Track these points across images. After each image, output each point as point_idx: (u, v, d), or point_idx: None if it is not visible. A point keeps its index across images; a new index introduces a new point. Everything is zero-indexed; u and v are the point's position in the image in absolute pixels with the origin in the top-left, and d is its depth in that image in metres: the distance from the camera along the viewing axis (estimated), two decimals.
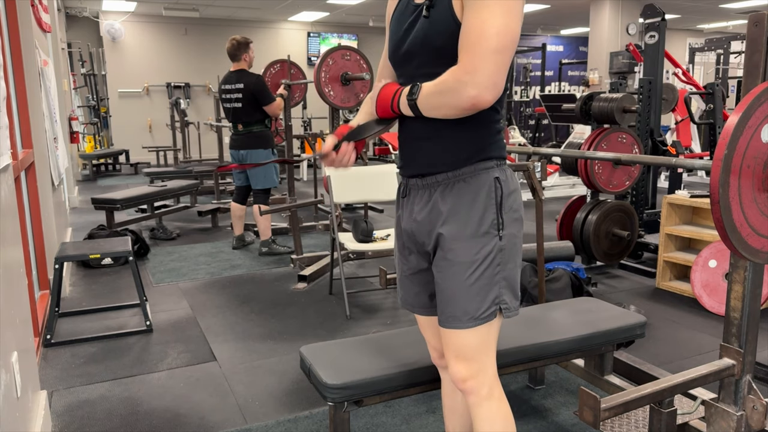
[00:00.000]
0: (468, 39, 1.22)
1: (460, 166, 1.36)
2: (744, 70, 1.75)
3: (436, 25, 1.29)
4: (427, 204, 1.40)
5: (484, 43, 1.19)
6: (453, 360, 1.42)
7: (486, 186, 1.36)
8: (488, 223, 1.35)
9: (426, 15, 1.31)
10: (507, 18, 1.21)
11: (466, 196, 1.36)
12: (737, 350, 1.82)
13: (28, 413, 1.94)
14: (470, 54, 1.21)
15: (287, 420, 2.28)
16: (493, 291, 1.36)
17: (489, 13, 1.20)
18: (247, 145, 4.58)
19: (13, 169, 2.32)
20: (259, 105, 4.50)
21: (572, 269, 3.39)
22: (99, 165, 10.34)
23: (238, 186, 4.80)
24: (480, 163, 1.36)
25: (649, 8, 4.58)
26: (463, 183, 1.36)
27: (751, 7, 10.88)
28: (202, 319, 3.37)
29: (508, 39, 1.21)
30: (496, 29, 1.20)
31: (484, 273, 1.35)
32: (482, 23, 1.20)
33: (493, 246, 1.35)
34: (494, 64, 1.20)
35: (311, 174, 8.95)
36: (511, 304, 1.39)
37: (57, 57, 5.81)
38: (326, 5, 10.64)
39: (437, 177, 1.38)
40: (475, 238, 1.35)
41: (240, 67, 4.53)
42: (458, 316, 1.38)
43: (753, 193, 1.44)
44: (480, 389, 1.41)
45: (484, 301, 1.36)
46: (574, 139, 5.98)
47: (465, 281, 1.35)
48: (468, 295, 1.36)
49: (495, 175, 1.37)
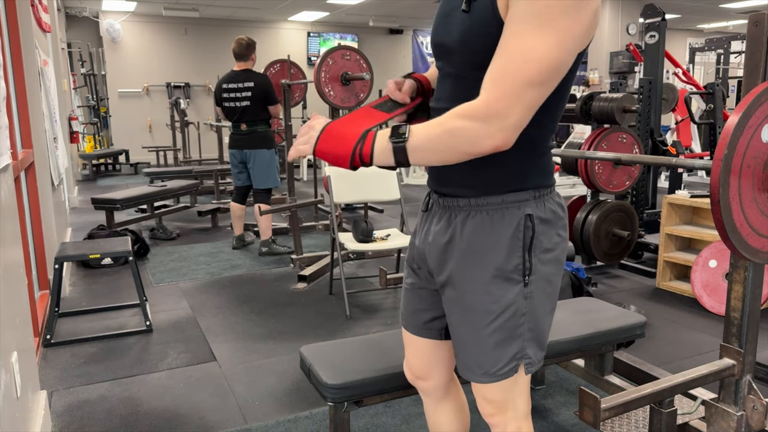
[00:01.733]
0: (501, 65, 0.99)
1: (484, 194, 1.14)
2: (744, 70, 1.75)
3: (476, 23, 1.06)
4: (445, 230, 1.20)
5: (522, 75, 0.96)
6: (478, 397, 1.26)
7: (513, 225, 1.13)
8: (512, 267, 1.13)
9: (465, 9, 1.07)
10: (560, 48, 0.96)
11: (487, 233, 1.14)
12: (737, 350, 1.82)
13: (28, 413, 1.94)
14: (500, 86, 0.98)
15: (287, 420, 2.28)
16: (514, 345, 1.16)
17: (538, 37, 0.95)
18: (252, 145, 4.57)
19: (13, 169, 2.32)
20: (265, 104, 4.52)
21: (572, 269, 3.39)
22: (99, 165, 10.33)
23: (237, 186, 4.79)
24: (511, 194, 1.13)
25: (649, 8, 4.58)
26: (485, 216, 1.14)
27: (751, 7, 10.88)
28: (202, 319, 3.37)
29: (551, 74, 0.98)
30: (541, 59, 0.96)
31: (503, 325, 1.15)
32: (527, 45, 0.96)
33: (517, 294, 1.14)
34: (528, 102, 0.98)
35: (311, 174, 8.95)
36: (534, 358, 1.19)
37: (57, 57, 5.81)
38: (326, 5, 10.63)
39: (458, 201, 1.17)
40: (494, 284, 1.14)
41: (247, 67, 4.53)
42: (471, 368, 1.20)
43: (753, 193, 1.44)
44: (506, 425, 1.26)
45: (501, 357, 1.16)
46: (574, 139, 5.97)
47: (480, 332, 1.16)
48: (482, 349, 1.17)
49: (527, 211, 1.13)
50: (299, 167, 9.32)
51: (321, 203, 5.03)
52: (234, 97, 4.52)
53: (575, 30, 0.97)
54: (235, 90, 4.51)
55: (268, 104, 4.53)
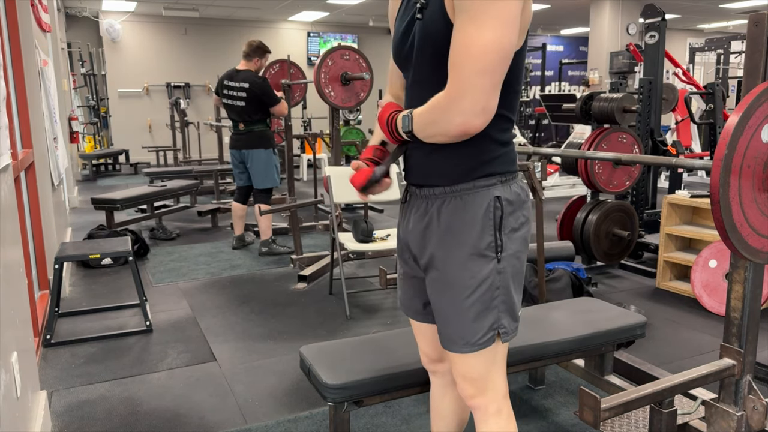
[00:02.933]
0: (453, 58, 1.12)
1: (457, 182, 1.26)
2: (744, 70, 1.75)
3: (429, 28, 1.20)
4: (423, 217, 1.33)
5: (468, 64, 1.09)
6: (459, 378, 1.37)
7: (484, 205, 1.25)
8: (485, 245, 1.25)
9: (419, 17, 1.22)
10: (497, 31, 1.08)
11: (462, 215, 1.26)
12: (737, 350, 1.82)
13: (27, 413, 1.94)
14: (455, 77, 1.12)
15: (287, 420, 2.28)
16: (491, 316, 1.28)
17: (475, 28, 1.08)
18: (249, 145, 4.58)
19: (13, 169, 2.32)
20: (261, 105, 4.52)
21: (572, 269, 3.39)
22: (99, 165, 10.33)
23: (239, 186, 4.80)
24: (480, 179, 1.26)
25: (649, 8, 4.58)
26: (459, 200, 1.27)
27: (751, 7, 10.88)
28: (202, 319, 3.37)
29: (497, 57, 1.09)
30: (482, 47, 1.08)
31: (480, 298, 1.27)
32: (468, 40, 1.09)
33: (491, 269, 1.26)
34: (481, 87, 1.10)
35: (311, 174, 8.95)
36: (509, 327, 1.31)
37: (57, 57, 5.81)
38: (326, 5, 10.63)
39: (434, 190, 1.30)
40: (471, 261, 1.26)
41: (247, 67, 4.55)
42: (454, 339, 1.31)
43: (753, 193, 1.44)
44: (488, 406, 1.36)
45: (480, 327, 1.28)
46: (574, 139, 5.98)
47: (460, 306, 1.28)
48: (463, 321, 1.28)
49: (495, 193, 1.26)
50: (299, 167, 9.32)
51: (321, 203, 5.03)
52: (231, 95, 4.54)
53: (509, 16, 1.08)
54: (232, 89, 4.52)
55: (266, 106, 4.53)
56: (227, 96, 4.56)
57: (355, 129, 9.60)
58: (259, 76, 4.54)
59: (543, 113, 8.95)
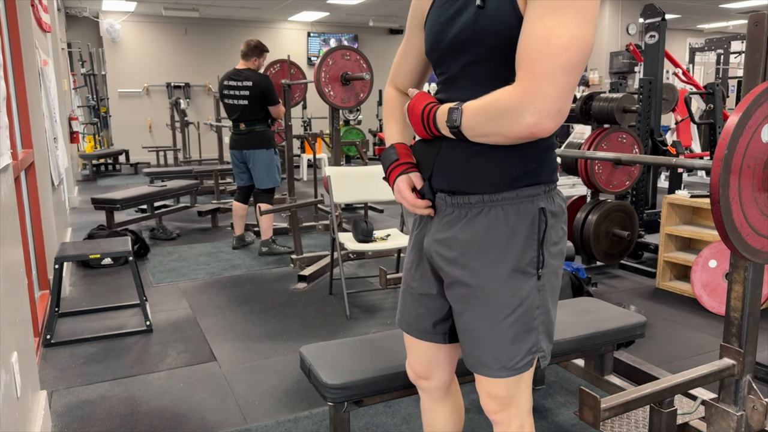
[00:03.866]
0: (529, 52, 1.01)
1: (500, 190, 1.15)
2: (744, 70, 1.75)
3: (493, 18, 1.07)
4: (452, 227, 1.20)
5: (549, 59, 0.98)
6: (484, 395, 1.28)
7: (529, 218, 1.15)
8: (527, 261, 1.16)
9: (480, 4, 1.08)
10: (582, 27, 0.99)
11: (503, 227, 1.15)
12: (737, 350, 1.82)
13: (28, 413, 1.94)
14: (531, 72, 1.00)
15: (287, 420, 2.28)
16: (530, 339, 1.18)
17: (558, 19, 0.98)
18: (250, 145, 4.58)
19: (13, 169, 2.32)
20: (264, 104, 4.52)
21: (572, 269, 3.39)
22: (99, 165, 10.33)
23: (240, 186, 4.79)
24: (525, 188, 1.15)
25: (649, 8, 4.58)
26: (500, 211, 1.15)
27: (751, 7, 10.88)
28: (202, 319, 3.37)
29: (580, 54, 0.99)
30: (566, 41, 0.98)
31: (520, 318, 1.17)
32: (549, 33, 0.99)
33: (532, 287, 1.16)
34: (561, 86, 0.99)
35: (311, 174, 8.95)
36: (547, 351, 1.22)
37: (57, 57, 5.81)
38: (326, 5, 10.63)
39: (470, 198, 1.17)
40: (511, 278, 1.16)
41: (248, 66, 4.55)
42: (487, 363, 1.21)
43: (753, 193, 1.44)
44: (510, 422, 1.28)
45: (519, 350, 1.18)
46: (574, 139, 5.97)
47: (498, 326, 1.17)
48: (501, 343, 1.18)
49: (541, 204, 1.15)
50: (299, 167, 9.32)
51: (321, 203, 5.03)
52: (233, 95, 4.52)
53: (592, 10, 1.00)
54: (234, 88, 4.51)
55: (267, 104, 4.54)
56: (229, 96, 4.54)
57: (355, 129, 9.60)
58: (262, 75, 4.55)
59: None
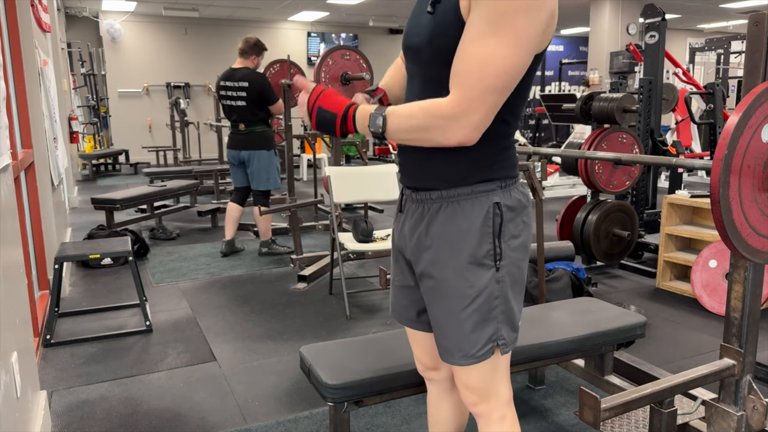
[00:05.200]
0: (466, 68, 1.07)
1: (456, 186, 1.21)
2: (744, 70, 1.75)
3: (440, 25, 1.14)
4: (418, 223, 1.27)
5: (483, 81, 1.05)
6: (461, 386, 1.33)
7: (483, 212, 1.20)
8: (483, 253, 1.20)
9: (430, 11, 1.15)
10: (515, 50, 1.03)
11: (460, 221, 1.21)
12: (737, 350, 1.82)
13: (27, 413, 1.94)
14: (465, 89, 1.07)
15: (287, 420, 2.28)
16: (489, 328, 1.23)
17: (495, 41, 1.03)
18: (250, 146, 4.48)
19: (13, 169, 2.32)
20: (263, 104, 4.44)
21: (572, 269, 3.39)
22: (99, 165, 10.33)
23: (237, 187, 4.69)
24: (480, 184, 1.20)
25: (649, 8, 4.58)
26: (456, 206, 1.21)
27: (751, 7, 10.88)
28: (202, 319, 3.37)
29: (512, 77, 1.06)
30: (500, 65, 1.04)
31: (478, 308, 1.22)
32: (486, 53, 1.04)
33: (489, 278, 1.21)
34: (490, 105, 1.07)
35: (311, 174, 8.95)
36: (508, 339, 1.27)
37: (57, 57, 5.81)
38: (326, 5, 10.63)
39: (430, 194, 1.24)
40: (468, 269, 1.21)
41: (245, 65, 4.47)
42: (451, 351, 1.27)
43: (753, 193, 1.44)
44: (491, 413, 1.32)
45: (478, 339, 1.23)
46: (575, 139, 5.97)
47: (457, 316, 1.23)
48: (460, 332, 1.24)
49: (495, 199, 1.20)
50: (299, 167, 9.32)
51: (321, 203, 5.03)
52: (231, 96, 4.45)
53: (531, 33, 1.04)
54: (232, 88, 4.44)
55: (266, 104, 4.46)
56: (226, 97, 4.47)
57: None
58: (259, 74, 4.47)
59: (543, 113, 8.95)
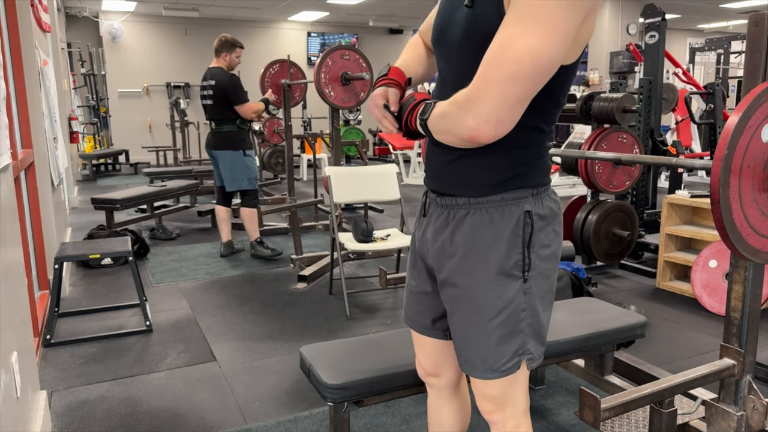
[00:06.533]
0: (487, 56, 1.00)
1: (485, 194, 1.15)
2: (744, 70, 1.75)
3: (480, 18, 1.07)
4: (443, 229, 1.22)
5: (498, 67, 0.97)
6: (478, 395, 1.29)
7: (513, 221, 1.15)
8: (512, 264, 1.15)
9: (468, 4, 1.08)
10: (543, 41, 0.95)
11: (488, 229, 1.15)
12: (737, 350, 1.82)
13: (27, 413, 1.94)
14: (481, 77, 1.00)
15: (287, 420, 2.28)
16: (516, 341, 1.18)
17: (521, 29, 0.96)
18: (216, 145, 4.41)
19: (13, 169, 2.32)
20: (229, 104, 4.32)
21: (572, 269, 3.39)
22: (99, 165, 10.33)
23: (218, 186, 4.57)
24: (510, 192, 1.15)
25: (649, 8, 4.58)
26: (485, 213, 1.16)
27: (751, 7, 10.88)
28: (202, 319, 3.37)
29: (532, 67, 0.96)
30: (519, 52, 0.95)
31: (505, 321, 1.16)
32: (508, 41, 0.97)
33: (517, 290, 1.16)
34: (503, 95, 0.97)
35: (311, 174, 8.94)
36: (535, 353, 1.21)
37: (57, 57, 5.81)
38: (326, 5, 10.63)
39: (457, 200, 1.19)
40: (496, 280, 1.15)
41: (217, 65, 4.39)
42: (475, 364, 1.22)
43: (753, 193, 1.44)
44: (506, 422, 1.28)
45: (504, 352, 1.18)
46: (574, 139, 5.97)
47: (483, 328, 1.18)
48: (485, 345, 1.18)
49: (526, 207, 1.15)
50: (299, 167, 9.32)
51: (321, 203, 5.03)
52: (203, 95, 4.41)
53: (564, 26, 0.96)
54: (204, 87, 4.39)
55: (231, 104, 4.32)
56: (201, 96, 4.43)
57: (355, 129, 9.60)
58: (226, 73, 4.35)
59: None
